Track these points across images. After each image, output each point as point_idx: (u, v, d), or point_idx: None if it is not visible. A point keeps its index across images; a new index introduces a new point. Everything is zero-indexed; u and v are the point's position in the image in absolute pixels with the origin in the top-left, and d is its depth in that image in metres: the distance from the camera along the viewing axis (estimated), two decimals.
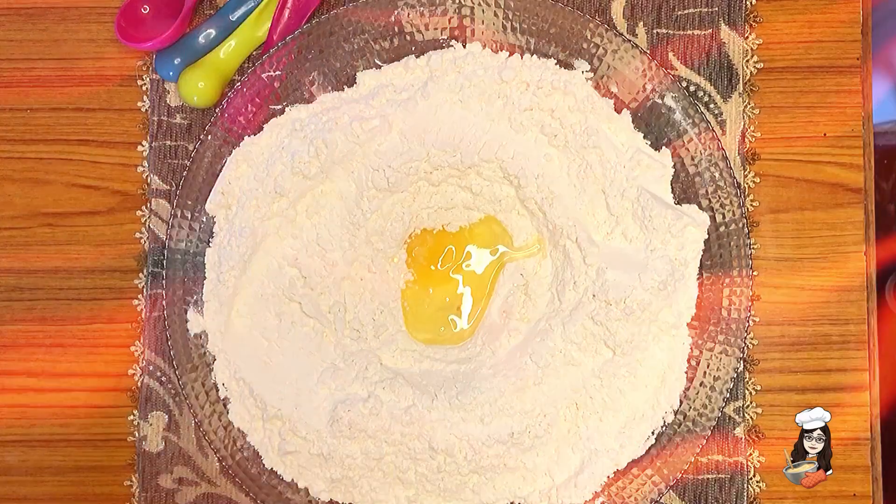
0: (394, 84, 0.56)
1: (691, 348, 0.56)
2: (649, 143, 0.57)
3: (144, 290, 0.60)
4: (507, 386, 0.56)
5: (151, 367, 0.59)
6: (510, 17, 0.56)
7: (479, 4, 0.56)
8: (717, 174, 0.56)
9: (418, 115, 0.55)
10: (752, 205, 0.59)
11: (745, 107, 0.59)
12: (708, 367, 0.56)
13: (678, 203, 0.57)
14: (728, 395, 0.56)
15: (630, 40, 0.56)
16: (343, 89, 0.58)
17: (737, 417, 0.58)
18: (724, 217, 0.56)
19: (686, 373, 0.56)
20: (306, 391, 0.57)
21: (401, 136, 0.56)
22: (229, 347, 0.57)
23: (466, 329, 0.60)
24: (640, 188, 0.56)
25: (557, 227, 0.56)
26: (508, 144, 0.56)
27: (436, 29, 0.57)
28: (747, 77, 0.59)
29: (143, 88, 0.61)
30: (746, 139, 0.59)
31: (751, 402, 0.59)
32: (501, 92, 0.56)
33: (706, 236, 0.56)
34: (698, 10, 0.60)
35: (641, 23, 0.60)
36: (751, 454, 0.58)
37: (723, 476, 0.58)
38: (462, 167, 0.56)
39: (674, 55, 0.59)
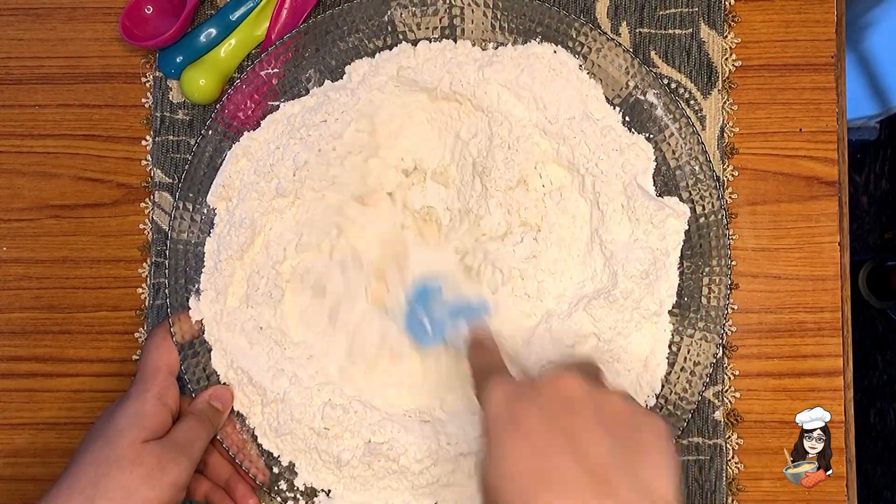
0: (382, 72, 0.56)
1: (672, 335, 0.56)
2: None
3: (148, 279, 0.61)
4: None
5: None
6: (498, 16, 0.57)
7: (469, 5, 0.56)
8: (697, 168, 0.56)
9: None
10: (730, 197, 0.60)
11: (724, 103, 0.60)
12: (688, 352, 0.56)
13: (660, 195, 0.57)
14: (708, 380, 0.56)
15: (614, 39, 0.56)
16: None
17: (716, 401, 0.59)
18: (703, 209, 0.56)
19: (667, 358, 0.56)
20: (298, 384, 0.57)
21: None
22: (225, 337, 0.56)
23: None
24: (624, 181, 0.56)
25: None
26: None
27: (427, 28, 0.57)
28: (726, 74, 0.60)
29: (147, 85, 0.62)
30: (725, 134, 0.60)
31: (729, 387, 0.59)
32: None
33: (686, 227, 0.56)
34: (679, 10, 0.60)
35: (625, 22, 0.60)
36: (729, 436, 0.59)
37: (703, 458, 0.59)
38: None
39: (656, 53, 0.60)
